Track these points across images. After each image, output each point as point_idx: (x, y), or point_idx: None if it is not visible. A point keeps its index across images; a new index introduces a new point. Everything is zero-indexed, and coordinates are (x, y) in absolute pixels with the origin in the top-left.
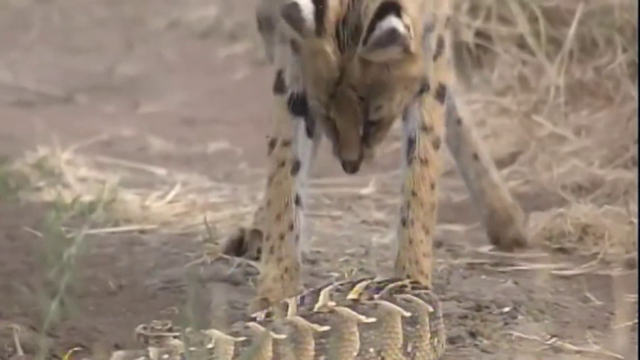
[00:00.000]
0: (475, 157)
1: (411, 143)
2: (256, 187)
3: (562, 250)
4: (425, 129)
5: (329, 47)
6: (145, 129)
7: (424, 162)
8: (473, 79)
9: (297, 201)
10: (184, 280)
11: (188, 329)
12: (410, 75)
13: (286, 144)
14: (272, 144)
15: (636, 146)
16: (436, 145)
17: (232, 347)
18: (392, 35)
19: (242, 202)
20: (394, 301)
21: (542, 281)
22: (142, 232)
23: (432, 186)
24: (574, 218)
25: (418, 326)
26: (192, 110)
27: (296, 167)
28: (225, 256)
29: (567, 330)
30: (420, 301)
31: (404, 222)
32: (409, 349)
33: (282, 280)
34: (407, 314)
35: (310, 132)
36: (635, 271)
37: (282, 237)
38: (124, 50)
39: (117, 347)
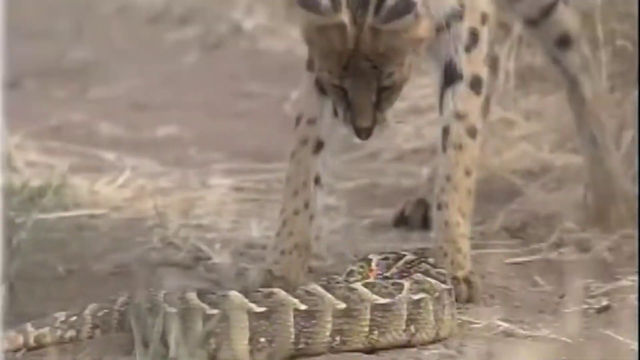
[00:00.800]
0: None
1: (445, 132)
2: (205, 171)
3: (512, 234)
4: (459, 116)
5: (346, 19)
6: (95, 113)
7: (458, 147)
8: (423, 65)
9: (317, 181)
10: (134, 265)
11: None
12: (419, 37)
13: (311, 122)
14: (297, 121)
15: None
16: (471, 133)
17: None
18: (407, 4)
19: (191, 187)
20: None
21: (492, 266)
22: (91, 217)
23: (468, 173)
24: (526, 202)
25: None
26: (142, 95)
27: (319, 146)
28: (175, 241)
29: (517, 315)
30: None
31: (439, 207)
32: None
33: (289, 255)
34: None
35: (336, 112)
36: (586, 255)
37: (296, 213)
38: (74, 35)
39: None
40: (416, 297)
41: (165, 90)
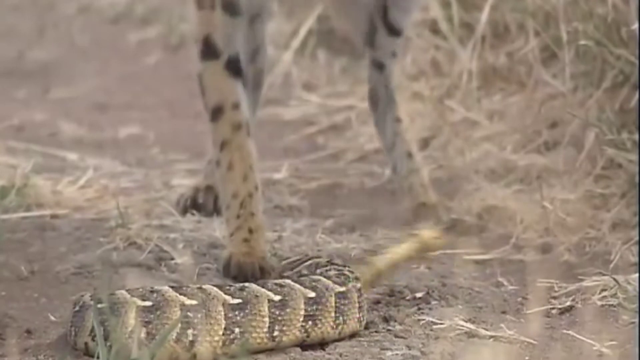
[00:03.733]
0: (409, 155)
1: None
2: (168, 172)
3: (474, 235)
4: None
5: None
6: (57, 114)
7: None
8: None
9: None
10: (96, 265)
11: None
12: None
13: (236, 106)
14: (219, 110)
15: (549, 132)
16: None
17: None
18: None
19: (154, 187)
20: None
21: (455, 266)
22: (54, 217)
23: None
24: (485, 202)
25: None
26: (104, 95)
27: (248, 128)
28: (138, 241)
29: (480, 316)
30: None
31: None
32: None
33: (257, 232)
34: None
35: (246, 88)
36: (549, 256)
37: (251, 196)
38: (35, 35)
39: (29, 332)
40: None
41: (127, 90)
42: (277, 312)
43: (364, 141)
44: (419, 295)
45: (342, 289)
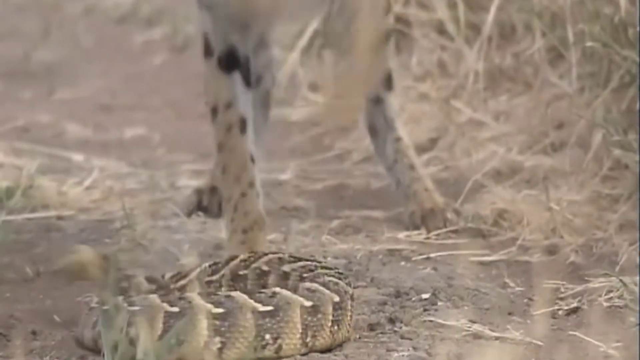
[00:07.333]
0: (412, 167)
1: None
2: (174, 172)
3: (481, 236)
4: None
5: None
6: (62, 114)
7: None
8: (392, 65)
9: (252, 159)
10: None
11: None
12: None
13: (228, 106)
14: (214, 111)
15: (555, 132)
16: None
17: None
18: None
19: (159, 188)
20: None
21: (461, 267)
22: (59, 218)
23: None
24: (491, 203)
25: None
26: (110, 96)
27: (243, 125)
28: (143, 242)
29: (486, 317)
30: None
31: None
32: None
33: (252, 231)
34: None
35: (248, 82)
36: (555, 257)
37: (244, 195)
38: (41, 36)
39: (35, 333)
40: None
41: (132, 91)
42: (310, 318)
43: (369, 142)
44: (425, 296)
45: (351, 291)
